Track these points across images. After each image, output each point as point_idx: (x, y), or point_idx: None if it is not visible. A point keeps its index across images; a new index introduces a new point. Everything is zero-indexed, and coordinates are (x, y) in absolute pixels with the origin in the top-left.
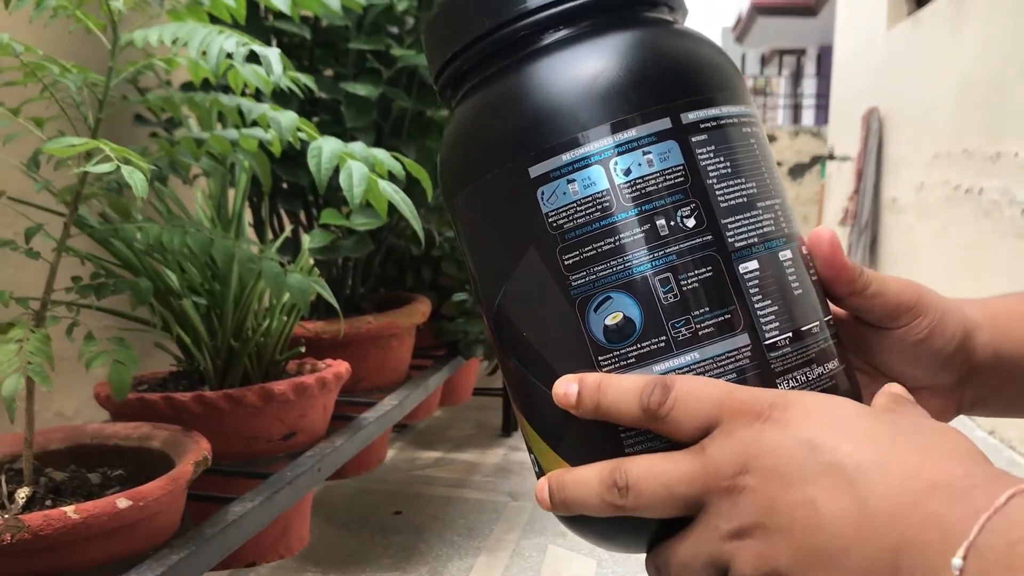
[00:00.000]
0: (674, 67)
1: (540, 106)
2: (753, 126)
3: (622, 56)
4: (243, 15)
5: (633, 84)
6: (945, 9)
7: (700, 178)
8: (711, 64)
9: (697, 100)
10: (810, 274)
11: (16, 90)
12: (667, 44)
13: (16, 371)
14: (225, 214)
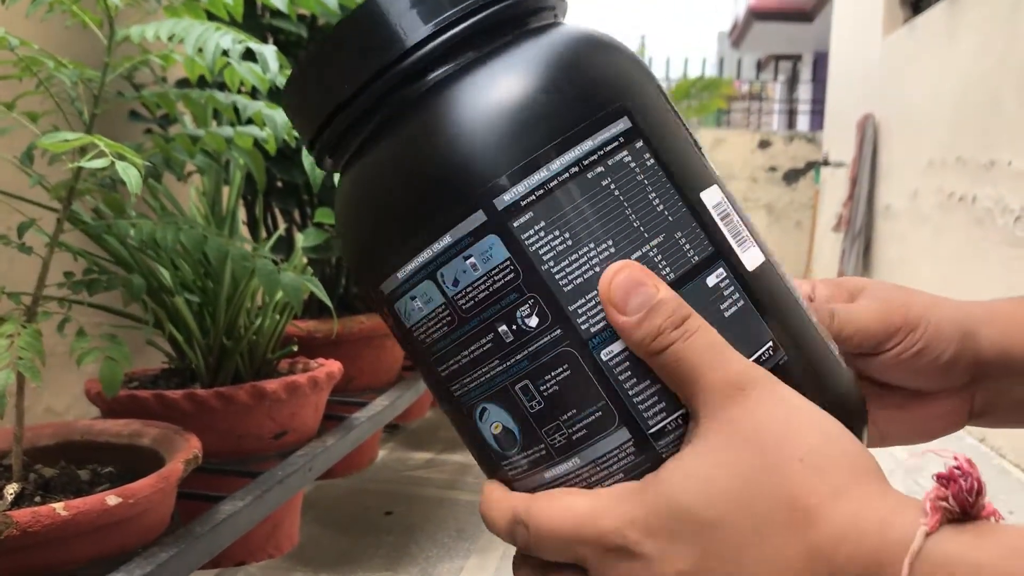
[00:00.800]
0: (481, 144)
1: (365, 232)
2: (610, 157)
3: (416, 160)
4: (240, 12)
5: (433, 186)
6: (940, 17)
7: (533, 267)
8: (534, 113)
9: (512, 172)
10: (724, 309)
11: (11, 84)
12: (478, 108)
13: (7, 366)
14: (219, 211)
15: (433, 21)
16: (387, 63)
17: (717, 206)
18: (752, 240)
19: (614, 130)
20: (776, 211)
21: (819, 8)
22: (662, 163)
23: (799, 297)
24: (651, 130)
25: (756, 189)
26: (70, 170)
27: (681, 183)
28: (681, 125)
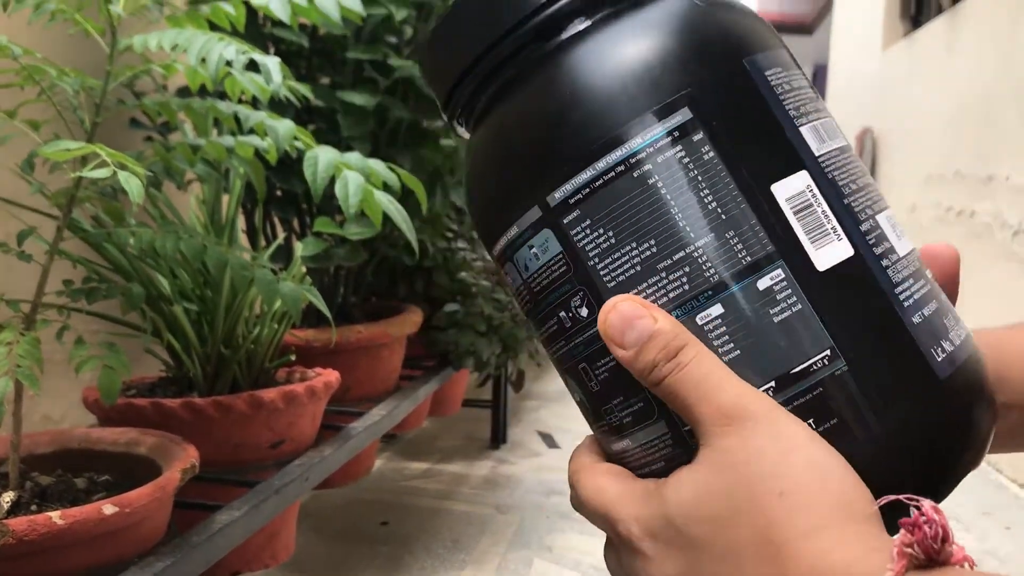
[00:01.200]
0: (535, 150)
1: (480, 194)
2: (659, 155)
3: (508, 141)
4: (242, 23)
5: (501, 186)
6: (940, 31)
7: (581, 262)
8: (581, 117)
9: (560, 175)
10: (775, 313)
11: (12, 92)
12: (535, 113)
13: (5, 374)
14: (219, 220)
15: None
16: (508, 28)
17: (794, 198)
18: (842, 233)
19: (669, 124)
20: None
21: (818, 21)
22: (725, 155)
23: (912, 292)
24: (720, 119)
25: None
26: (71, 178)
27: (747, 175)
28: (786, 97)
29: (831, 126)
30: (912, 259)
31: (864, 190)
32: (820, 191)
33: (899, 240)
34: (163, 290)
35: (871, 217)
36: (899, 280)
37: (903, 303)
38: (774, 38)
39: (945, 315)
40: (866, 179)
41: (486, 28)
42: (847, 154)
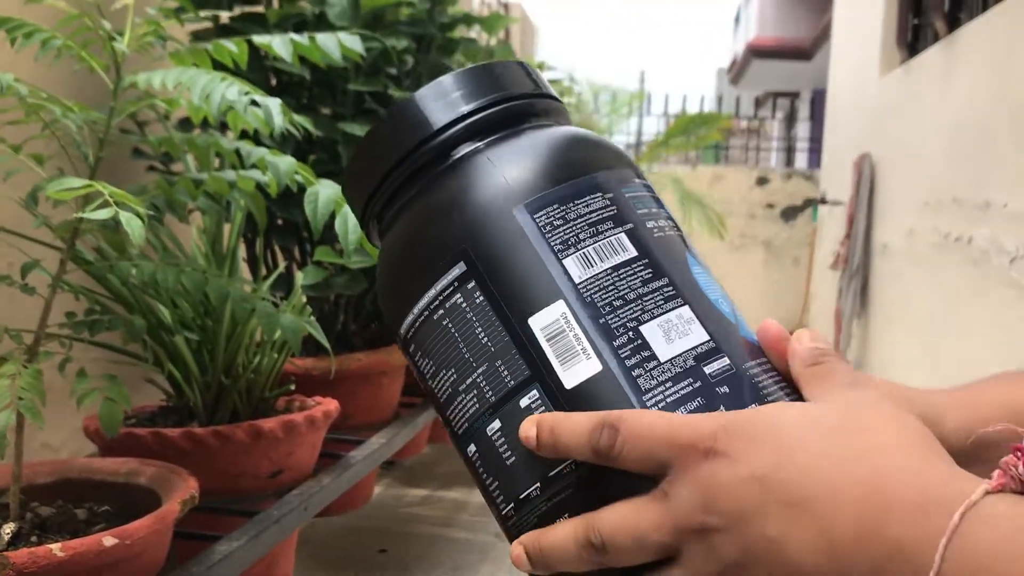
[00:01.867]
0: (390, 287)
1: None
2: (447, 301)
3: (378, 279)
4: (245, 61)
5: (383, 307)
6: (936, 59)
7: (425, 382)
8: (404, 271)
9: (399, 316)
10: None
11: (18, 127)
12: (392, 253)
13: (8, 407)
14: (220, 250)
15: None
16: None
17: (548, 326)
18: (591, 352)
19: (451, 275)
20: (774, 248)
21: (817, 46)
22: (490, 298)
23: (667, 395)
24: (487, 267)
25: (754, 226)
26: (75, 215)
27: (510, 313)
28: (554, 234)
29: (615, 244)
30: (682, 360)
31: (637, 300)
32: (575, 316)
33: (668, 344)
34: (164, 320)
35: (632, 329)
36: (650, 386)
37: (648, 408)
38: (574, 171)
39: (711, 411)
40: (648, 287)
41: (415, 132)
42: (626, 269)
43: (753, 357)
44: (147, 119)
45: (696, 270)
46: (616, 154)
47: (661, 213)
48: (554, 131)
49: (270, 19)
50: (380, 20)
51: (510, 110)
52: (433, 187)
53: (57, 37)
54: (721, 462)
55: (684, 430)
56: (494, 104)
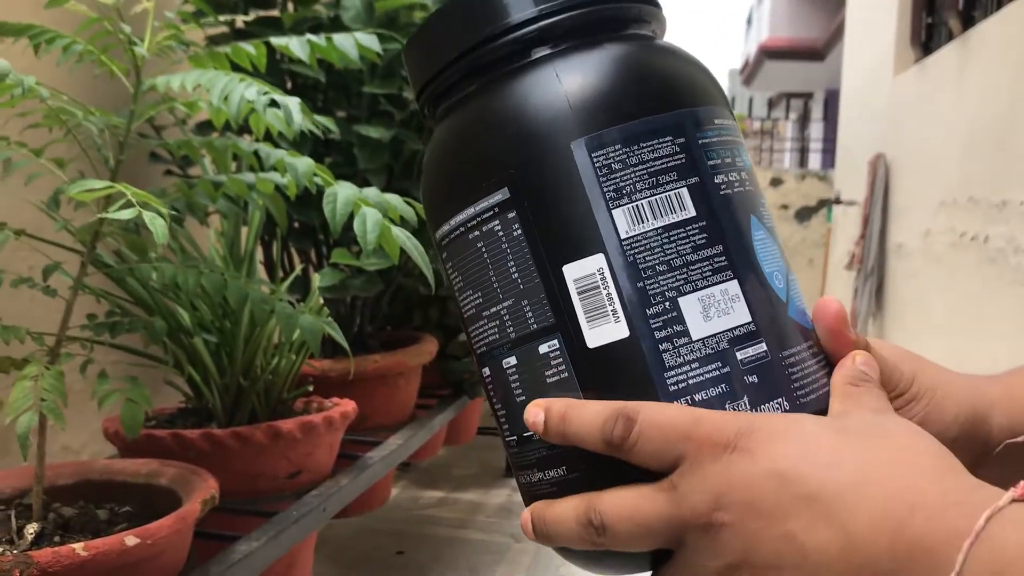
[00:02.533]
0: (437, 183)
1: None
2: (484, 225)
3: (426, 168)
4: (263, 63)
5: (425, 202)
6: (950, 58)
7: (452, 289)
8: (448, 176)
9: (438, 220)
10: (548, 375)
11: (39, 130)
12: (450, 147)
13: (30, 408)
14: (238, 252)
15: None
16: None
17: (582, 279)
18: (622, 316)
19: (492, 200)
20: (789, 249)
21: (830, 47)
22: (529, 234)
23: (689, 377)
24: (531, 201)
25: None
26: (96, 217)
27: (545, 255)
28: (609, 179)
29: (673, 200)
30: (715, 340)
31: (683, 268)
32: (612, 274)
33: (706, 321)
34: (183, 322)
35: (670, 299)
36: (675, 364)
37: (668, 388)
38: (647, 105)
39: (732, 400)
40: (699, 253)
41: (479, 27)
42: (679, 230)
43: (797, 342)
44: (164, 124)
45: (758, 236)
46: (700, 88)
47: (735, 163)
48: (637, 49)
49: (285, 23)
50: (394, 22)
51: (594, 14)
52: (494, 91)
53: (78, 42)
54: (740, 457)
55: (704, 425)
56: (577, 5)
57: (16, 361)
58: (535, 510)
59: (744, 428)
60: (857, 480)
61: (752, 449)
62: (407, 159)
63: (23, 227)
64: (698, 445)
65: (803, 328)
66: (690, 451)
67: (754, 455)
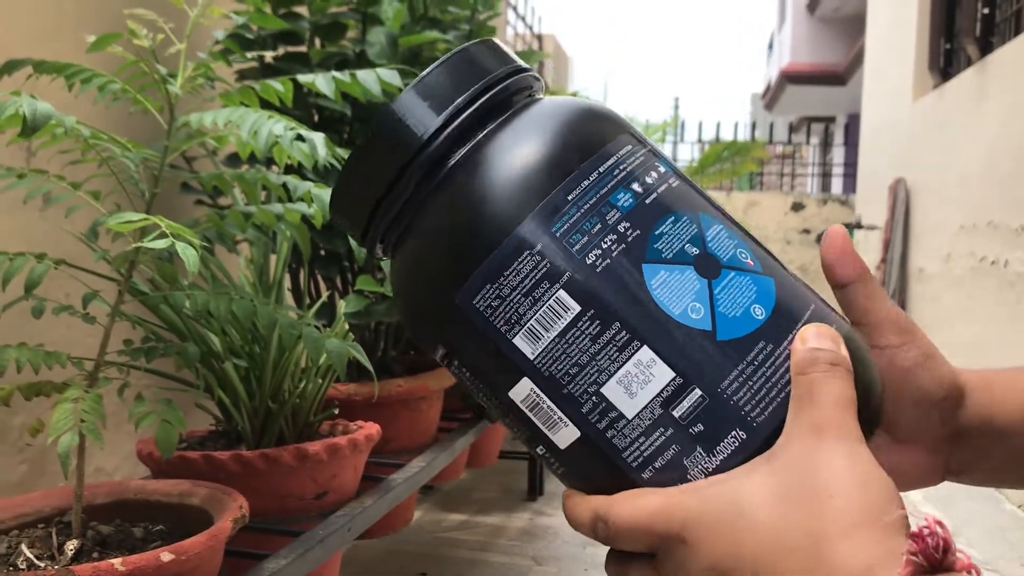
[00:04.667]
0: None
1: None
2: (449, 367)
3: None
4: (290, 99)
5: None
6: (969, 83)
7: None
8: (409, 325)
9: (425, 348)
10: (555, 469)
11: (76, 164)
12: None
13: (71, 429)
14: (266, 279)
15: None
16: (407, 160)
17: (525, 399)
18: (567, 420)
19: (440, 352)
20: (810, 273)
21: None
22: (475, 376)
23: (642, 450)
24: (459, 353)
25: (789, 251)
26: (131, 247)
27: (493, 389)
28: (496, 315)
29: (555, 307)
30: (648, 411)
31: (591, 362)
32: (541, 389)
33: (632, 399)
34: (214, 348)
35: (594, 393)
36: (625, 445)
37: (631, 464)
38: (486, 242)
39: (687, 455)
40: (599, 342)
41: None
42: (573, 330)
43: (737, 362)
44: (195, 154)
45: (657, 280)
46: (540, 180)
47: (606, 224)
48: (468, 180)
49: (313, 58)
50: (418, 57)
51: (424, 153)
52: (398, 254)
53: (115, 81)
54: (688, 552)
55: (657, 522)
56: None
57: (57, 385)
58: (567, 496)
59: (687, 521)
60: (778, 569)
61: (694, 543)
62: None
63: (62, 257)
64: (661, 539)
65: (743, 340)
66: (658, 545)
67: (696, 550)
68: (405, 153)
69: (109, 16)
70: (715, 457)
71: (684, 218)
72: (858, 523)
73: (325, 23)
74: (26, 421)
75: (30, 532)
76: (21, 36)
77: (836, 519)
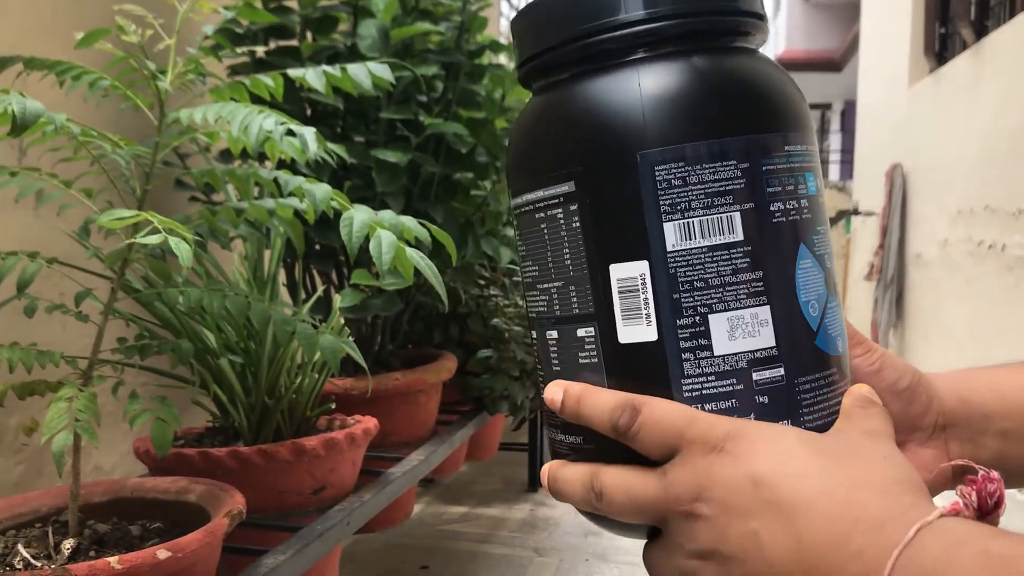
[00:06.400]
0: (518, 154)
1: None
2: (549, 210)
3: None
4: (281, 94)
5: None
6: (965, 67)
7: (517, 254)
8: (527, 153)
9: (513, 190)
10: (580, 356)
11: (69, 162)
12: (539, 123)
13: (65, 428)
14: (261, 275)
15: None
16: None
17: (624, 280)
18: (654, 321)
19: (559, 190)
20: None
21: (847, 58)
22: (586, 229)
23: (703, 387)
24: (592, 200)
25: None
26: (124, 244)
27: (596, 250)
28: (667, 192)
29: (723, 223)
30: (735, 359)
31: (719, 288)
32: (653, 281)
33: (730, 340)
34: (209, 344)
35: (701, 315)
36: (693, 373)
37: (683, 393)
38: (717, 127)
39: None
40: (738, 276)
41: (582, 20)
42: (724, 252)
43: (817, 370)
44: (188, 151)
45: (803, 264)
46: (779, 111)
47: (797, 191)
48: (725, 66)
49: (304, 52)
50: (409, 49)
51: (689, 25)
52: (581, 86)
53: (105, 78)
54: (724, 458)
55: (699, 425)
56: (673, 15)
57: (51, 384)
58: (552, 467)
59: (732, 432)
60: (816, 493)
61: (735, 453)
62: (425, 182)
63: (54, 255)
64: (690, 442)
65: (827, 356)
66: (683, 446)
67: (736, 458)
68: (664, 4)
69: (100, 12)
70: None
71: (827, 234)
72: (906, 488)
73: (316, 16)
74: (22, 420)
75: (27, 531)
76: (12, 32)
77: (875, 484)
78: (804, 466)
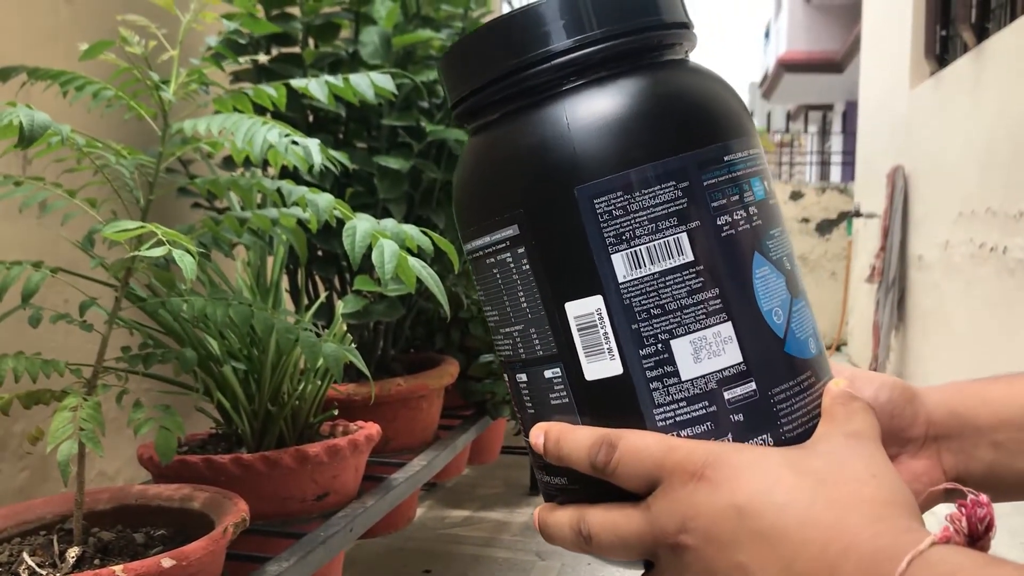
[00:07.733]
0: (464, 200)
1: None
2: (498, 255)
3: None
4: (283, 103)
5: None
6: (966, 70)
7: (480, 299)
8: (470, 200)
9: (463, 237)
10: (551, 398)
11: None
12: (478, 165)
13: (70, 437)
14: (264, 282)
15: (574, 37)
16: (529, 63)
17: (582, 316)
18: (617, 354)
19: (505, 234)
20: (810, 262)
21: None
22: (536, 271)
23: (678, 414)
24: (537, 241)
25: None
26: (128, 254)
27: (550, 291)
28: (609, 224)
29: (671, 246)
30: (703, 381)
31: (677, 312)
32: (610, 314)
33: (696, 363)
34: (213, 351)
35: (663, 341)
36: (664, 402)
37: (656, 423)
38: (651, 151)
39: (716, 437)
40: (693, 298)
41: (501, 59)
42: (676, 275)
43: (790, 377)
44: (191, 158)
45: (760, 273)
46: (715, 122)
47: (743, 199)
48: (648, 86)
49: (306, 59)
50: (411, 56)
51: (611, 48)
52: (512, 124)
53: (108, 88)
54: (703, 487)
55: (677, 453)
56: (589, 43)
57: (55, 393)
58: (541, 513)
59: (711, 459)
60: (803, 522)
61: (716, 480)
62: (426, 188)
63: (58, 264)
64: (670, 472)
65: (799, 361)
66: (663, 476)
67: (717, 486)
68: (579, 31)
69: (103, 23)
70: (727, 443)
71: (784, 234)
72: (894, 508)
73: (318, 23)
74: (26, 427)
75: (32, 539)
76: (16, 42)
77: (864, 509)
78: (789, 492)
